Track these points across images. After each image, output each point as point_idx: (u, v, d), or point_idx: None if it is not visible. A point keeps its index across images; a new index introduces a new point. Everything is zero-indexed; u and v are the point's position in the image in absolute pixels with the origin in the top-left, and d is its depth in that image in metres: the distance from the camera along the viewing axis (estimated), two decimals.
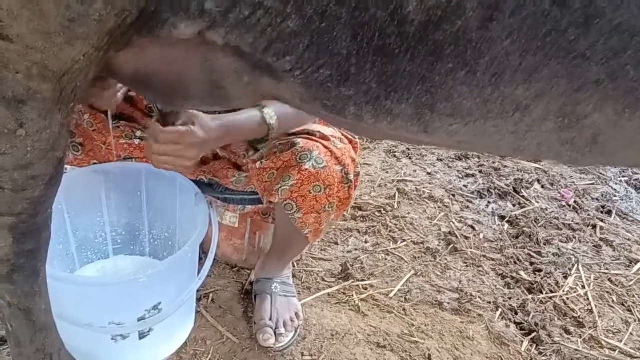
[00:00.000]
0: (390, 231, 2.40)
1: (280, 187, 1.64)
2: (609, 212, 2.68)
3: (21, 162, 0.96)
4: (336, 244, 2.32)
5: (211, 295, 1.98)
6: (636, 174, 2.99)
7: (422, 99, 0.90)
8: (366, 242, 2.34)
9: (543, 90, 0.87)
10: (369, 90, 0.90)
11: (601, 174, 2.94)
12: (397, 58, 0.84)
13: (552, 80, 0.85)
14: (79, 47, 0.85)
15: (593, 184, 2.86)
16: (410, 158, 2.86)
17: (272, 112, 1.57)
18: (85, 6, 0.80)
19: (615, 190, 2.84)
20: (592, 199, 2.76)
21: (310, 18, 0.82)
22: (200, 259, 1.78)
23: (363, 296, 2.06)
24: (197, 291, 1.89)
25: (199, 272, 1.63)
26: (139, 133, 1.75)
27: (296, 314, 1.88)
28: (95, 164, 1.74)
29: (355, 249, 2.30)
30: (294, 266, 2.13)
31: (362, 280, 2.13)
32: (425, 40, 0.82)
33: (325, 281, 2.13)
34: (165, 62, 1.01)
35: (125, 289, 1.45)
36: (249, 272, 2.08)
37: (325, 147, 1.67)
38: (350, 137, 1.80)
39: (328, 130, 1.74)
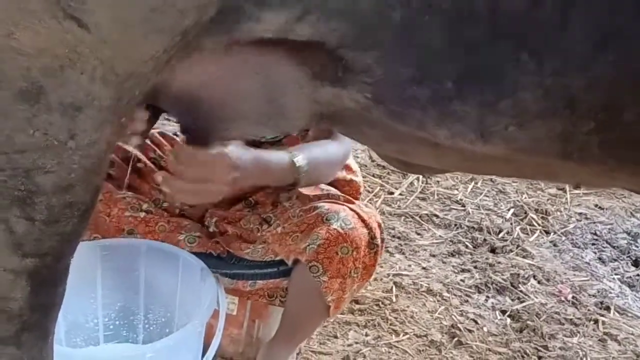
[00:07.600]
0: (390, 324, 2.28)
1: (309, 246, 1.54)
2: (608, 308, 2.62)
3: (63, 182, 0.84)
4: (335, 337, 2.19)
5: None
6: (627, 271, 2.97)
7: (489, 96, 0.86)
8: (367, 335, 2.22)
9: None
10: (442, 90, 0.85)
11: (594, 271, 2.91)
12: (480, 49, 0.83)
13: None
14: (152, 44, 0.78)
15: (588, 280, 2.81)
16: (403, 254, 2.78)
17: (301, 156, 1.53)
18: None
19: (610, 287, 2.79)
20: (589, 295, 2.70)
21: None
22: None
23: None
24: None
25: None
26: (145, 206, 1.66)
27: None
28: (96, 238, 1.62)
29: (356, 342, 2.17)
30: None
31: None
32: (512, 27, 0.80)
33: None
34: (217, 76, 0.94)
35: None
36: None
37: (352, 209, 1.61)
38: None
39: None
